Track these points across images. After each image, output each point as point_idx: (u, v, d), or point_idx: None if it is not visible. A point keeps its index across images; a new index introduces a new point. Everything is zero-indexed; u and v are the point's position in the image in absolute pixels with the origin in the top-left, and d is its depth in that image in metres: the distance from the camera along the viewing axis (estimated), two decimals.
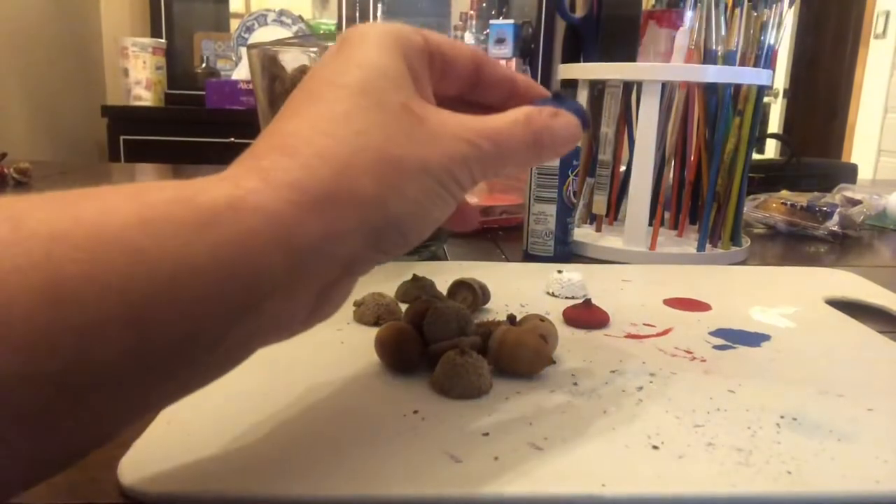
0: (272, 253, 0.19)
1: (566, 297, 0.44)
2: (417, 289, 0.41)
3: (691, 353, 0.36)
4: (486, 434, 0.26)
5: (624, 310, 0.42)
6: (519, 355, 0.31)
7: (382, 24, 0.24)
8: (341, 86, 0.22)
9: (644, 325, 0.40)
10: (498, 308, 0.42)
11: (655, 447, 0.26)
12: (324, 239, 0.20)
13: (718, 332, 0.39)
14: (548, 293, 0.45)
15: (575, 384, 0.31)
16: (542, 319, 0.34)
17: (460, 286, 0.40)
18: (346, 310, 0.39)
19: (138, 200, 0.18)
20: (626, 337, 0.38)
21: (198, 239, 0.18)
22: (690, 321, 0.41)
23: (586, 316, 0.40)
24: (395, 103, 0.22)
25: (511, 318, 0.34)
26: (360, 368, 0.32)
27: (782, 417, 0.28)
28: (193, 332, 0.18)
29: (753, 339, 0.38)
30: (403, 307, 0.38)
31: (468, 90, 0.27)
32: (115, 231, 0.17)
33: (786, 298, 0.46)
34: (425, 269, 0.50)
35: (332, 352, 0.34)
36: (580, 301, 0.41)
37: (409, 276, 0.42)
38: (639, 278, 0.48)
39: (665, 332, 0.39)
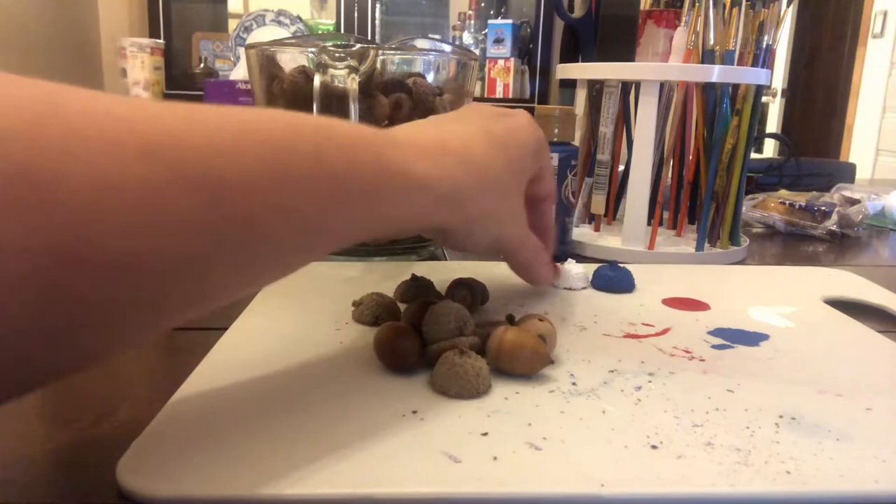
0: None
1: (564, 288, 0.46)
2: (416, 289, 0.41)
3: (690, 352, 0.36)
4: (485, 434, 0.26)
5: (622, 309, 0.42)
6: (518, 355, 0.31)
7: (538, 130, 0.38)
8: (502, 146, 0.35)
9: (643, 324, 0.40)
10: (496, 308, 0.42)
11: (654, 447, 0.26)
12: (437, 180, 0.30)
13: (717, 332, 0.39)
14: (551, 284, 0.46)
15: (574, 384, 0.31)
16: (541, 319, 0.34)
17: (459, 286, 0.40)
18: (345, 309, 0.39)
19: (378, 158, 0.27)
20: (624, 337, 0.38)
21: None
22: (689, 321, 0.41)
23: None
24: (521, 182, 0.36)
25: (510, 318, 0.34)
26: (358, 368, 0.32)
27: (781, 417, 0.28)
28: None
29: (752, 338, 0.38)
30: (402, 307, 0.38)
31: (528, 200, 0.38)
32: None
33: (784, 298, 0.46)
34: (424, 268, 0.50)
35: (330, 351, 0.34)
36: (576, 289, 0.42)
37: (407, 276, 0.42)
38: (637, 277, 0.48)
39: (664, 332, 0.39)
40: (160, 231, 0.18)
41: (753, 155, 0.69)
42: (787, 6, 0.59)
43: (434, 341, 0.31)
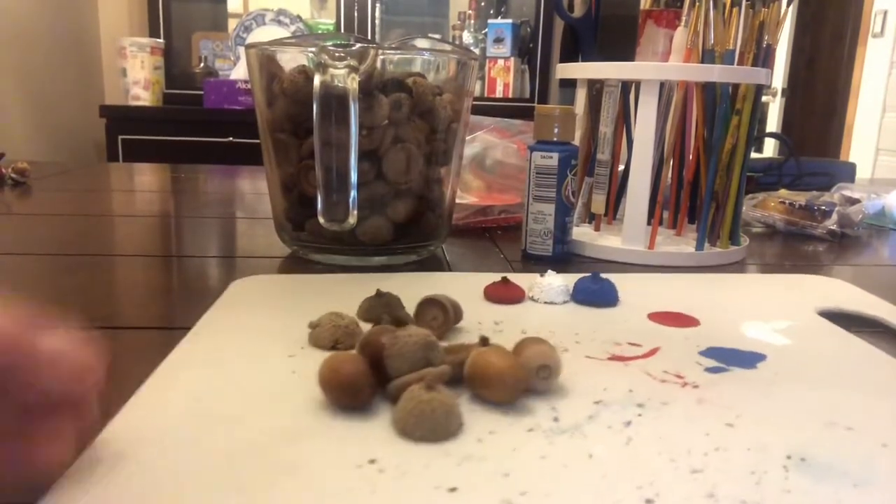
0: None
1: (545, 302, 0.43)
2: (381, 306, 0.37)
3: (682, 377, 0.32)
4: (454, 490, 0.22)
5: (606, 326, 0.39)
6: (495, 381, 0.27)
7: None
8: None
9: (629, 344, 0.36)
10: (471, 327, 0.38)
11: (649, 501, 0.22)
12: None
13: (709, 352, 0.36)
14: (530, 297, 0.44)
15: (555, 419, 0.28)
16: (542, 342, 0.30)
17: (429, 304, 0.36)
18: (301, 333, 0.36)
19: None
20: (609, 359, 0.34)
21: None
22: (678, 339, 0.38)
23: (503, 292, 0.43)
24: None
25: (483, 341, 0.30)
26: (311, 405, 0.28)
27: (789, 458, 0.25)
28: None
29: (748, 359, 0.35)
30: (367, 327, 0.34)
31: None
32: None
33: (777, 311, 0.43)
34: (396, 282, 0.46)
35: (279, 383, 0.30)
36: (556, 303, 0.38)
37: (372, 292, 0.39)
38: (620, 289, 0.44)
39: (652, 353, 0.35)
40: None
41: (753, 154, 0.68)
42: (788, 6, 0.58)
43: (399, 374, 0.28)
